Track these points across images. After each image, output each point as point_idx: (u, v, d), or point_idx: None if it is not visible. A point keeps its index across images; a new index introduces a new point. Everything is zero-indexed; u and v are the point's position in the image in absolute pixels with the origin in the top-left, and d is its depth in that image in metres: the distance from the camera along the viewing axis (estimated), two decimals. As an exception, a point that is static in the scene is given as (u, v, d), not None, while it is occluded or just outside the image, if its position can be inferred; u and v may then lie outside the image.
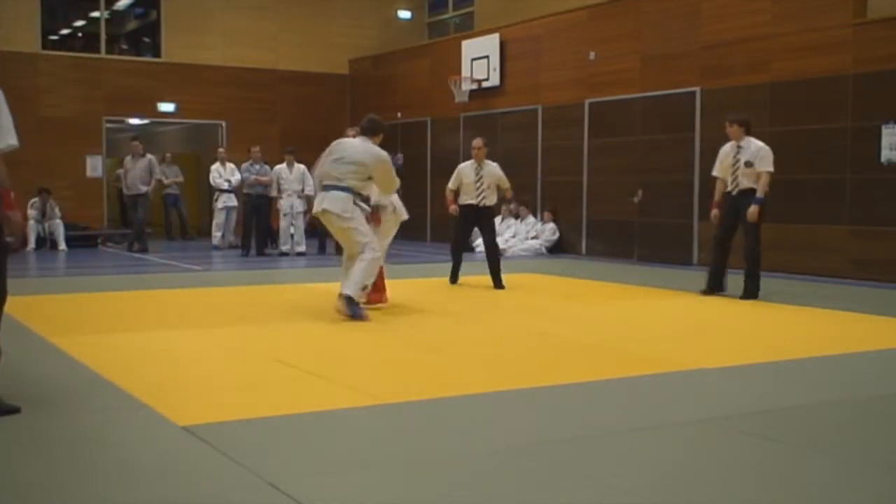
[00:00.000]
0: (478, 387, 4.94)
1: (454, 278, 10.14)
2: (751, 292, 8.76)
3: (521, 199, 15.37)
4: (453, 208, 10.08)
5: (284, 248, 14.44)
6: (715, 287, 9.09)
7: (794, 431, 4.13)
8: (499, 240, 14.96)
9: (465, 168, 10.10)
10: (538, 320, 7.46)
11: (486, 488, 3.33)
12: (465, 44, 16.63)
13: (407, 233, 18.46)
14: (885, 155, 10.47)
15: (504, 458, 3.68)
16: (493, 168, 10.07)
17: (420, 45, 19.02)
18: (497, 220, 15.35)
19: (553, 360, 5.87)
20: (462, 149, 16.95)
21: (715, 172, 9.08)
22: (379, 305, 7.93)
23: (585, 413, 4.47)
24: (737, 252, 9.02)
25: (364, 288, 7.59)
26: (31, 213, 15.27)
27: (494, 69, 15.97)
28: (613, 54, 13.87)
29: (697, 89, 12.61)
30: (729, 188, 8.88)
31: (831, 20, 11.06)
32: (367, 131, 7.76)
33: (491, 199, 9.99)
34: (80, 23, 19.53)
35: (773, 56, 11.67)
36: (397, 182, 7.93)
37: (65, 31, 19.54)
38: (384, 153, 7.70)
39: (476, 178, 9.95)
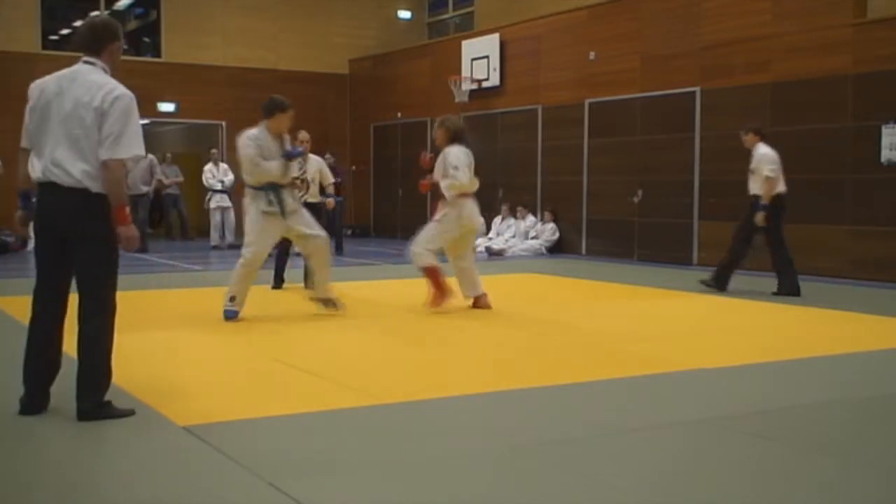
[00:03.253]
0: (478, 387, 4.94)
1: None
2: (784, 290, 8.98)
3: (522, 199, 15.39)
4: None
5: (284, 248, 14.42)
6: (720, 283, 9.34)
7: (794, 431, 4.14)
8: (499, 239, 15.06)
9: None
10: (538, 320, 7.45)
11: (486, 488, 3.33)
12: (465, 44, 16.64)
13: (407, 233, 18.52)
14: (885, 155, 10.47)
15: (504, 458, 3.68)
16: (316, 162, 9.69)
17: (420, 45, 19.03)
18: (497, 219, 15.40)
19: (553, 360, 5.87)
20: (462, 149, 16.97)
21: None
22: (444, 307, 7.66)
23: (585, 413, 4.47)
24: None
25: (231, 295, 7.19)
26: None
27: (494, 69, 15.97)
28: (613, 54, 13.87)
29: (697, 89, 12.61)
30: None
31: (831, 20, 11.05)
32: (263, 112, 7.37)
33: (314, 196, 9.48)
34: (80, 23, 19.49)
35: (773, 56, 11.67)
36: (296, 172, 7.52)
37: (65, 31, 19.53)
38: (240, 138, 7.47)
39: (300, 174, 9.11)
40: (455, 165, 7.58)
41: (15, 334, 6.17)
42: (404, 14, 20.56)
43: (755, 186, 9.12)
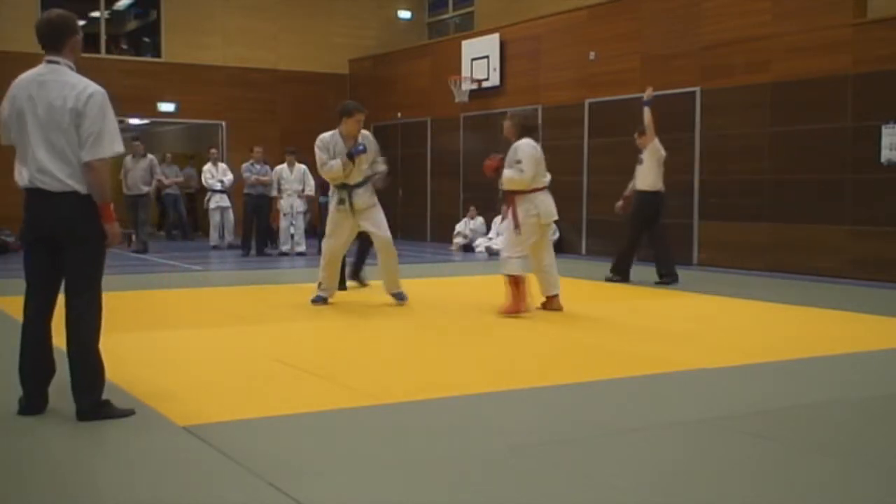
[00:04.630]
0: (478, 387, 4.94)
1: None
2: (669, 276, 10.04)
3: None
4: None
5: (284, 248, 14.45)
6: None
7: (794, 431, 4.14)
8: (499, 240, 15.01)
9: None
10: (538, 320, 7.45)
11: (486, 488, 3.33)
12: (465, 44, 16.64)
13: (407, 233, 18.52)
14: (885, 155, 10.46)
15: (504, 458, 3.68)
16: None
17: (420, 45, 19.02)
18: (497, 219, 15.37)
19: (553, 360, 5.87)
20: (462, 149, 16.97)
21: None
22: (519, 314, 7.49)
23: (585, 413, 4.47)
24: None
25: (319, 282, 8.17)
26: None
27: (494, 69, 15.97)
28: (613, 54, 13.87)
29: (697, 89, 12.61)
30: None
31: (831, 20, 11.05)
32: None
33: None
34: (80, 23, 19.45)
35: (773, 56, 11.67)
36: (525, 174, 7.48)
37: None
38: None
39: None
40: (519, 159, 7.45)
41: (15, 334, 6.15)
42: (404, 14, 20.56)
43: (640, 181, 10.02)
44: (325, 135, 7.98)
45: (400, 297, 8.10)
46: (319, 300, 8.10)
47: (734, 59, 12.11)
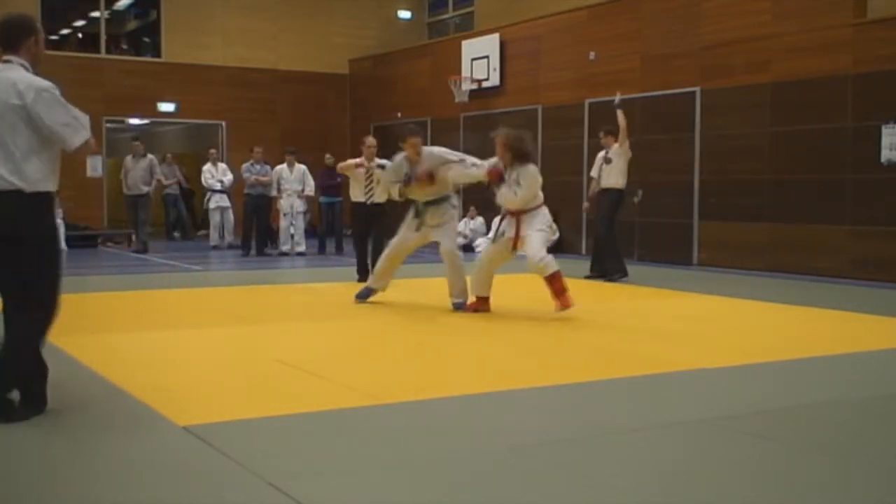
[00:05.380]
0: (477, 387, 4.94)
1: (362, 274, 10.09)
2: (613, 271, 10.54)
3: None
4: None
5: (284, 248, 14.45)
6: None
7: (794, 431, 4.14)
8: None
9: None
10: (538, 320, 7.45)
11: (486, 488, 3.33)
12: (465, 44, 16.63)
13: (407, 233, 18.49)
14: (885, 155, 10.46)
15: (504, 458, 3.68)
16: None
17: (420, 45, 19.02)
18: (497, 219, 15.36)
19: (553, 360, 5.87)
20: (462, 149, 16.94)
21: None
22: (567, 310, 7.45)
23: (585, 413, 4.47)
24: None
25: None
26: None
27: (494, 69, 15.97)
28: (613, 54, 13.87)
29: (697, 89, 12.61)
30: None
31: (831, 20, 11.05)
32: None
33: (380, 197, 10.03)
34: (80, 23, 19.53)
35: (773, 56, 11.67)
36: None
37: (65, 31, 19.54)
38: None
39: (366, 177, 10.09)
40: (520, 183, 7.64)
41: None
42: (404, 14, 20.56)
43: (612, 180, 10.40)
44: (397, 156, 8.26)
45: (457, 306, 7.94)
46: (364, 294, 8.31)
47: (734, 59, 12.11)
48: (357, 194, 10.16)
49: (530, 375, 5.33)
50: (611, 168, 10.43)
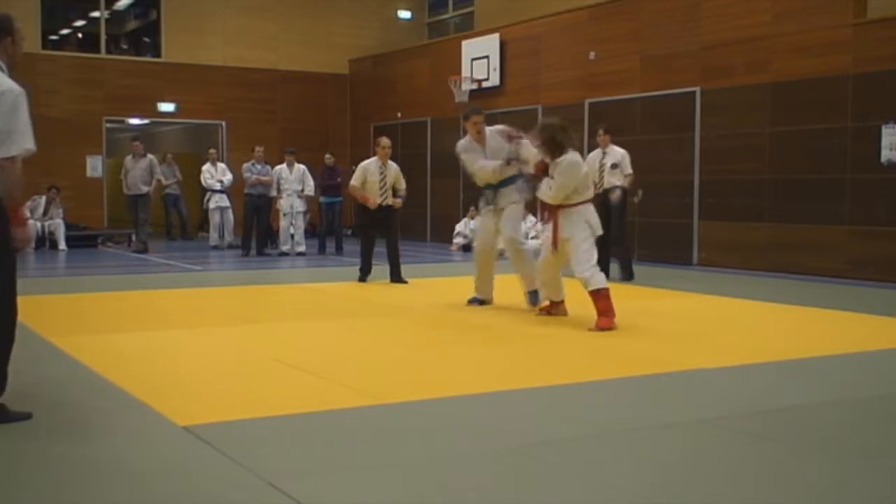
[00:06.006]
0: (478, 387, 4.94)
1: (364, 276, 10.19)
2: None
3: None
4: (373, 202, 10.03)
5: (284, 248, 14.45)
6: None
7: (794, 431, 4.14)
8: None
9: (370, 166, 10.12)
10: (538, 321, 7.45)
11: (486, 488, 3.33)
12: (465, 44, 16.63)
13: (407, 233, 18.51)
14: (885, 155, 10.46)
15: (504, 458, 3.68)
16: (394, 168, 10.27)
17: (420, 45, 19.02)
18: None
19: (553, 360, 5.87)
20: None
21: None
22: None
23: (586, 413, 4.47)
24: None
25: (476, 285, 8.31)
26: (25, 212, 15.28)
27: (494, 69, 15.97)
28: (613, 54, 13.87)
29: (697, 89, 12.61)
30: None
31: (831, 20, 11.05)
32: None
33: (391, 199, 10.15)
34: (80, 23, 19.54)
35: (773, 56, 11.67)
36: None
37: (65, 31, 19.54)
38: None
39: (380, 178, 10.07)
40: (554, 178, 7.08)
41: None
42: (404, 14, 20.56)
43: (614, 179, 10.36)
44: (463, 140, 8.18)
45: (531, 299, 7.86)
46: (475, 301, 8.20)
47: (734, 59, 12.11)
48: (371, 194, 10.05)
49: (530, 375, 5.33)
50: (614, 170, 10.43)
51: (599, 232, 7.19)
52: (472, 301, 8.20)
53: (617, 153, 10.44)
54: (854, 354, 6.09)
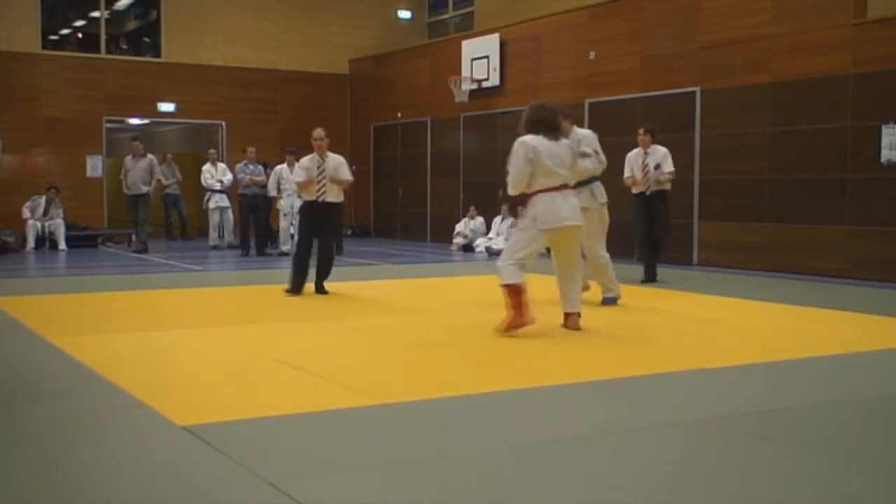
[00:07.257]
0: (477, 387, 4.94)
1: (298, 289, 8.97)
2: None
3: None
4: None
5: (284, 248, 14.44)
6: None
7: (794, 431, 4.14)
8: (499, 240, 15.02)
9: (305, 162, 9.05)
10: (537, 321, 7.44)
11: (486, 488, 3.33)
12: (465, 44, 16.64)
13: (407, 233, 18.51)
14: (885, 155, 10.47)
15: (504, 458, 3.68)
16: (335, 159, 9.06)
17: (420, 45, 19.02)
18: (497, 219, 15.38)
19: (553, 360, 5.87)
20: (462, 149, 16.98)
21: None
22: (518, 332, 6.66)
23: (585, 413, 4.47)
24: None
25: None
26: (25, 211, 15.32)
27: (494, 69, 15.97)
28: (613, 54, 13.87)
29: (697, 89, 12.61)
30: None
31: (831, 20, 11.06)
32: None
33: (333, 195, 9.01)
34: (80, 23, 19.54)
35: (773, 56, 11.67)
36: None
37: (65, 31, 19.54)
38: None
39: (318, 172, 8.92)
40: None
41: (13, 333, 6.18)
42: (404, 14, 20.56)
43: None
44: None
45: (606, 301, 8.26)
46: (609, 301, 8.31)
47: (734, 59, 12.11)
48: (307, 192, 9.06)
49: (530, 375, 5.33)
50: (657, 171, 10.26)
51: (543, 226, 6.66)
52: (607, 300, 8.33)
53: (659, 153, 10.26)
54: (854, 354, 6.09)
